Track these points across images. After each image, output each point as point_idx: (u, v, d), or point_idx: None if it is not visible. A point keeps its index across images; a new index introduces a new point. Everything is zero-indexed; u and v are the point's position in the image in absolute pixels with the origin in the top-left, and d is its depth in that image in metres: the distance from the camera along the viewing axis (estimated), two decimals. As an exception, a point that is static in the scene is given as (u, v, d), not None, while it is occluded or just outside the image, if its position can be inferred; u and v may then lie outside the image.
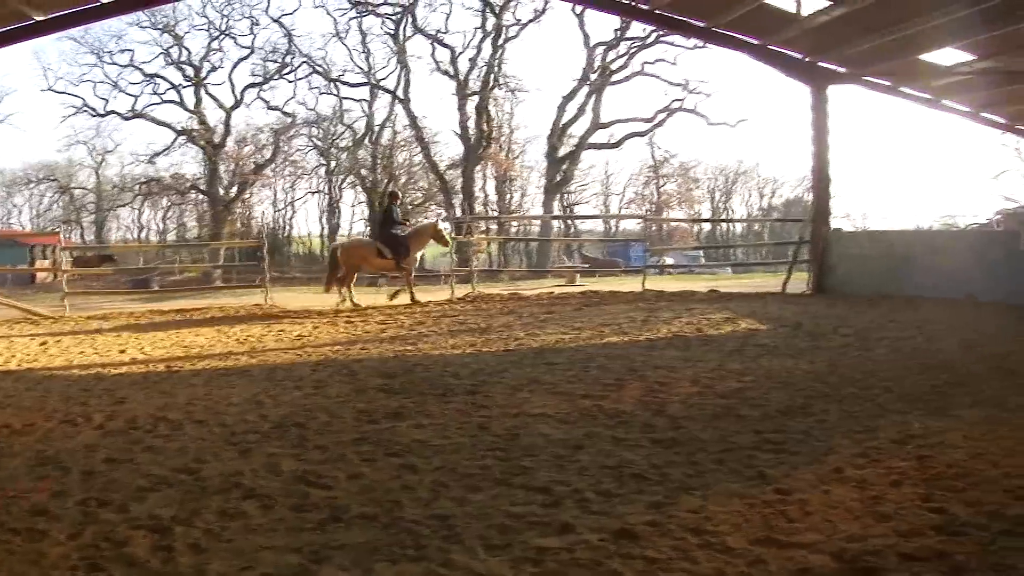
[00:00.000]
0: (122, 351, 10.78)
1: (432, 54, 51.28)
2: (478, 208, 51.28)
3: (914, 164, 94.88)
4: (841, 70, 19.87)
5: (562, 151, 50.74)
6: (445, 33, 50.77)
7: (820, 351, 9.22)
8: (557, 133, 50.13)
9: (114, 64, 51.49)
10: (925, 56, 19.28)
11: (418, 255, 17.80)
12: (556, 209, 53.01)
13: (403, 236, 17.02)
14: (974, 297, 14.63)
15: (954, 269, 15.59)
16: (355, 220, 59.17)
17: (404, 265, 16.94)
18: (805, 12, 16.77)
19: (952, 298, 14.64)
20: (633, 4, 18.34)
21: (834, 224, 20.93)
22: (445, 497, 4.38)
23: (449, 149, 54.03)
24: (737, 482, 4.50)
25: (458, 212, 41.43)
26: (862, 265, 17.91)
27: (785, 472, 4.64)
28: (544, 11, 48.38)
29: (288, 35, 51.54)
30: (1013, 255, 14.87)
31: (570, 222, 58.00)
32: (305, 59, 52.12)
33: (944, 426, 5.68)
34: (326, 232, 57.25)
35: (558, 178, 51.07)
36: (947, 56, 19.37)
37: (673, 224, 58.24)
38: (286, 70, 52.35)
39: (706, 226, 65.71)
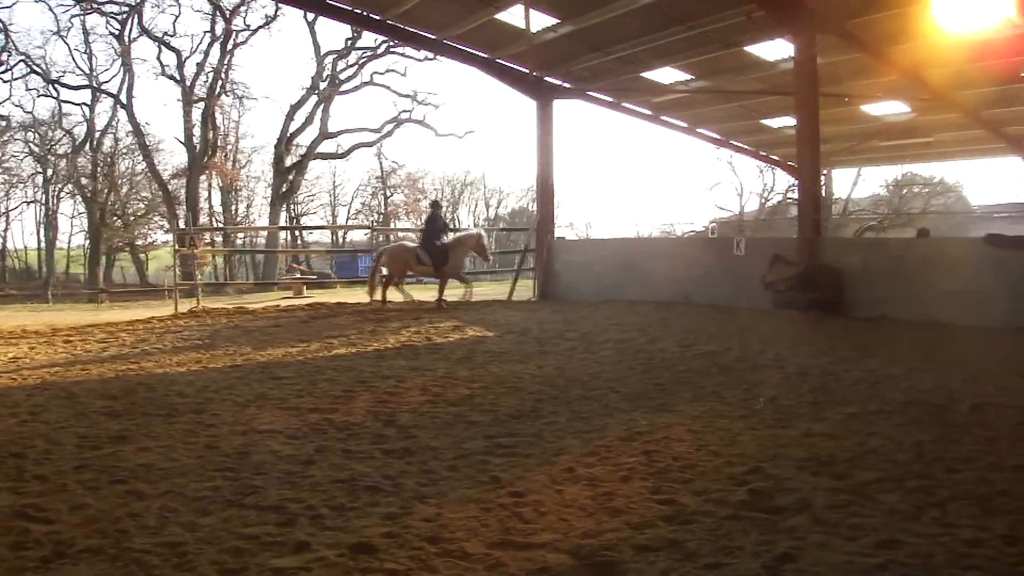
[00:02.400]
0: None
1: (158, 57, 49.92)
2: (203, 219, 49.53)
3: (637, 175, 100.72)
4: (566, 85, 20.63)
5: (289, 161, 49.76)
6: (173, 36, 49.12)
7: (547, 355, 9.45)
8: (284, 142, 49.13)
9: None
10: (646, 74, 20.37)
11: (458, 263, 17.52)
12: (283, 220, 52.02)
13: (442, 246, 16.95)
14: (690, 299, 15.60)
15: (672, 274, 16.53)
16: (74, 232, 55.77)
17: (444, 271, 16.98)
18: (533, 29, 17.24)
19: (670, 301, 15.52)
20: (365, 14, 18.23)
21: (559, 233, 21.71)
22: (175, 523, 4.07)
23: (174, 158, 52.28)
24: (471, 488, 4.47)
25: (182, 224, 39.64)
26: (586, 271, 18.64)
27: (518, 475, 4.66)
28: (275, 17, 47.41)
29: (4, 30, 47.42)
30: (725, 260, 15.94)
31: (297, 234, 57.09)
32: (23, 57, 48.29)
33: (668, 421, 5.96)
34: (43, 245, 53.02)
35: (285, 188, 50.06)
36: (666, 75, 20.53)
37: (401, 234, 58.54)
38: (1, 69, 48.30)
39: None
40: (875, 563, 3.41)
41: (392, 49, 46.67)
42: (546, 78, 20.11)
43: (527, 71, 19.23)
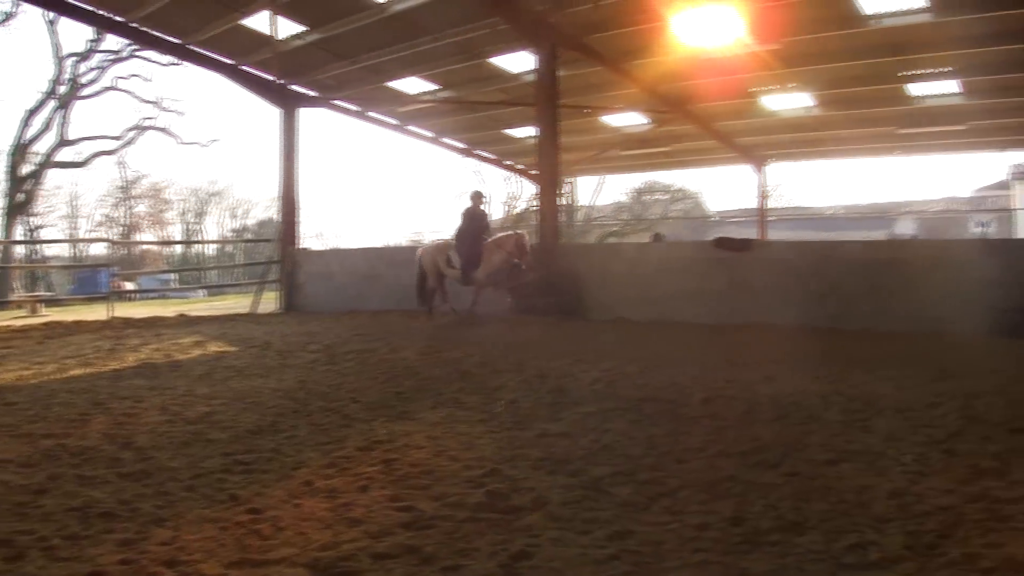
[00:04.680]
0: None
1: None
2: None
3: (389, 184, 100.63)
4: (312, 94, 20.49)
5: (25, 170, 46.27)
6: None
7: (289, 368, 9.33)
8: (20, 150, 45.63)
9: None
10: (393, 84, 20.52)
11: (490, 272, 14.97)
12: (18, 233, 48.39)
13: (476, 248, 14.96)
14: (433, 307, 15.90)
15: (414, 282, 16.75)
16: None
17: (474, 278, 14.95)
18: (280, 36, 17.04)
19: (415, 310, 15.75)
20: (107, 15, 17.32)
21: (305, 243, 21.51)
22: None
23: None
24: (209, 507, 4.34)
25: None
26: (330, 282, 18.61)
27: (256, 491, 4.58)
28: (12, 15, 43.88)
29: None
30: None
31: (34, 247, 53.32)
32: None
33: (408, 429, 6.01)
34: None
35: (20, 199, 46.52)
36: (413, 85, 20.77)
37: (144, 247, 55.98)
38: None
39: (179, 248, 63.82)
40: (608, 553, 3.58)
41: (137, 53, 44.39)
42: (291, 86, 19.88)
43: (272, 79, 18.95)
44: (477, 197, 16.02)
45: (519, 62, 19.08)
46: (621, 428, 6.02)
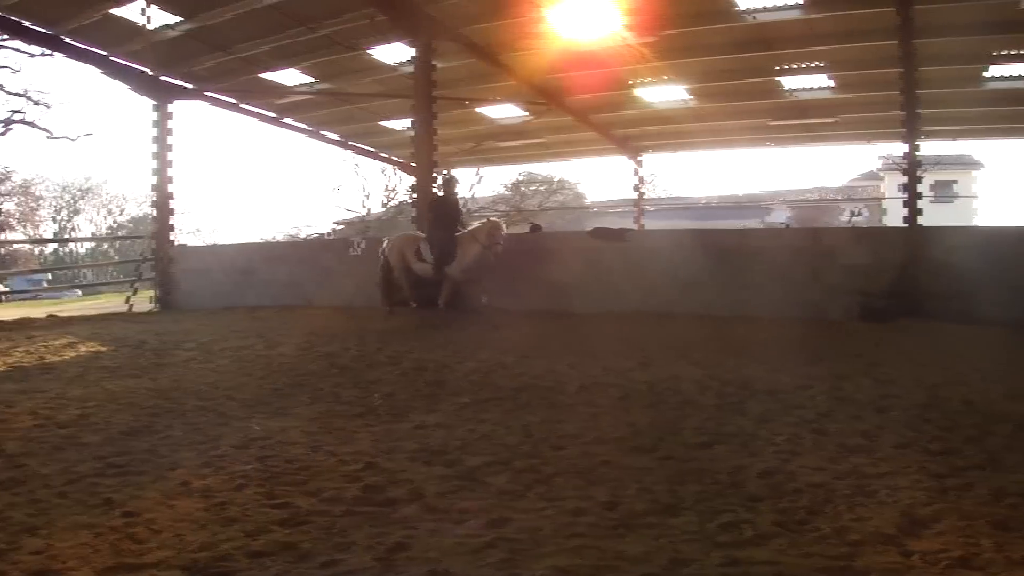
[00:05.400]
0: None
1: None
2: None
3: (267, 178, 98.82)
4: (186, 85, 20.04)
5: None
6: None
7: (164, 367, 9.15)
8: None
9: None
10: (268, 75, 20.22)
11: (467, 263, 13.75)
12: None
13: (449, 238, 13.79)
14: (312, 302, 15.79)
15: (292, 277, 16.62)
16: None
17: (447, 273, 13.80)
18: (154, 26, 16.61)
19: (292, 305, 15.62)
20: (-30, 3, 16.53)
21: (181, 240, 21.07)
22: None
23: None
24: (83, 513, 4.24)
25: None
26: (206, 279, 18.35)
27: (131, 494, 4.50)
28: None
29: None
30: (345, 261, 16.24)
31: None
32: None
33: (285, 425, 5.99)
34: None
35: None
36: (289, 76, 20.50)
37: (14, 247, 53.77)
38: None
39: (51, 247, 61.52)
40: (484, 542, 3.63)
41: (3, 44, 42.45)
42: (164, 78, 19.38)
43: (144, 70, 18.47)
44: (449, 182, 14.89)
45: (396, 53, 19.01)
46: (497, 417, 6.12)
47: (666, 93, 22.36)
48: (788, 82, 20.98)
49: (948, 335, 10.74)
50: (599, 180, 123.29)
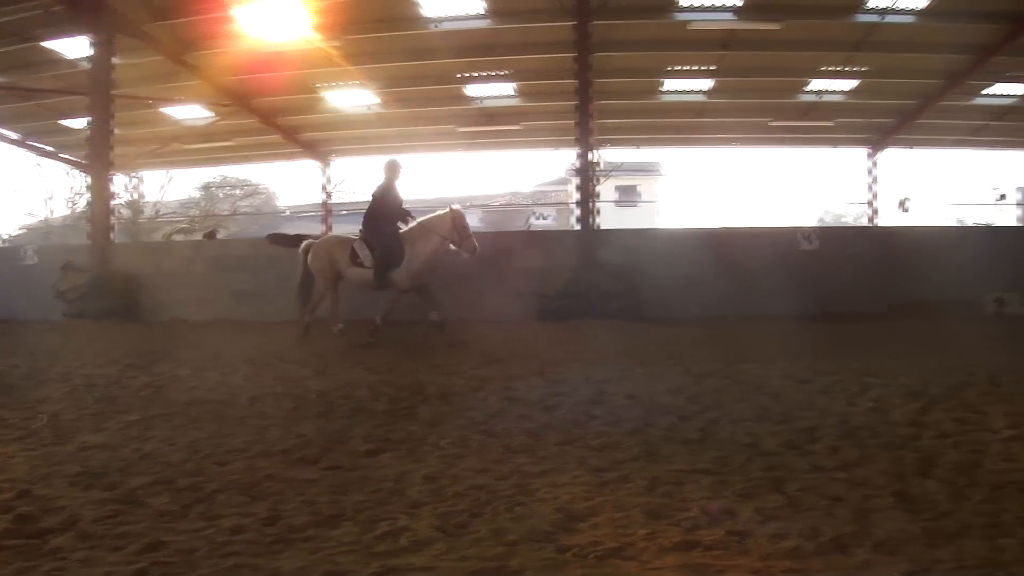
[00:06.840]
0: None
1: None
2: None
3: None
4: None
5: None
6: None
7: None
8: None
9: None
10: None
11: (419, 266, 11.39)
12: None
13: (394, 236, 11.38)
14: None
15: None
16: None
17: (393, 278, 11.34)
18: None
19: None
20: None
21: None
22: None
23: None
24: None
25: None
26: None
27: None
28: None
29: None
30: (16, 269, 15.43)
31: None
32: None
33: None
34: None
35: None
36: None
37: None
38: None
39: None
40: (137, 568, 3.43)
41: None
42: None
43: None
44: (392, 168, 11.96)
45: (76, 47, 17.97)
46: (164, 434, 5.92)
47: (354, 98, 22.49)
48: (474, 89, 21.73)
49: (620, 332, 11.48)
50: (292, 184, 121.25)
